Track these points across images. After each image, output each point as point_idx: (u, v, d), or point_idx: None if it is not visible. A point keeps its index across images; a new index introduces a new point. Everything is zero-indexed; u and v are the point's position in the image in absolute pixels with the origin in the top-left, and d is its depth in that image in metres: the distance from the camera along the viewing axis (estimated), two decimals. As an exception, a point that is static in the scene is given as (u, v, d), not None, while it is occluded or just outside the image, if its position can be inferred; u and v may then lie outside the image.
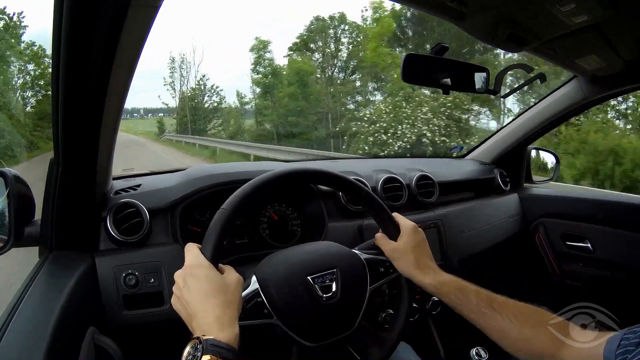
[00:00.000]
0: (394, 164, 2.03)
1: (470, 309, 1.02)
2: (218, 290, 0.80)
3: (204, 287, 0.79)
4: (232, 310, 0.79)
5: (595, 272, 2.05)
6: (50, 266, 1.10)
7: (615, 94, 1.86)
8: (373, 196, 1.16)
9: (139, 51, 0.84)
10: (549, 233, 2.20)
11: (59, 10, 0.69)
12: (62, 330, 0.88)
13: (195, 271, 0.82)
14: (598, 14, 1.05)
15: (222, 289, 0.80)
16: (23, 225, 1.12)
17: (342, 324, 1.03)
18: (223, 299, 0.79)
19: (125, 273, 1.17)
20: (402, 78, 1.31)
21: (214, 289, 0.79)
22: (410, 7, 1.66)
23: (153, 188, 1.38)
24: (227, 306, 0.78)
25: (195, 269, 0.82)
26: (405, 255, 1.09)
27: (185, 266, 0.84)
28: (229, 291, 0.81)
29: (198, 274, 0.81)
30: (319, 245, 1.14)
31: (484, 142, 2.48)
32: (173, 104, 31.49)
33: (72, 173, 1.06)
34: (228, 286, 0.82)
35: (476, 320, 1.01)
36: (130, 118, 52.38)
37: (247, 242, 1.48)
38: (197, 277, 0.81)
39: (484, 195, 2.21)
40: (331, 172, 1.13)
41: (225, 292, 0.80)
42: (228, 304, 0.79)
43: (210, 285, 0.80)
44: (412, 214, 1.75)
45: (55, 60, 0.80)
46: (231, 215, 0.92)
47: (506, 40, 1.18)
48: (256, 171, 1.30)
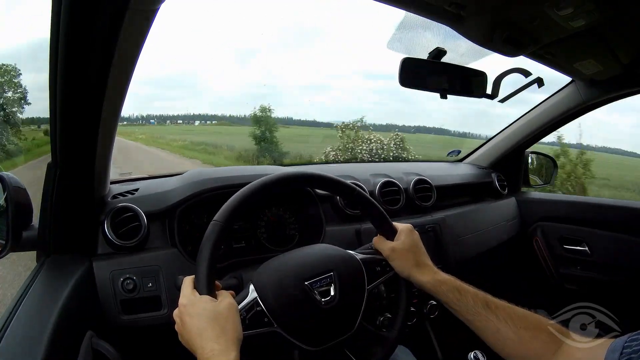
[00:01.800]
0: (391, 168, 2.03)
1: (467, 310, 1.02)
2: (212, 321, 0.82)
3: (198, 324, 0.82)
4: (227, 337, 0.81)
5: (593, 275, 2.05)
6: (48, 270, 1.09)
7: (613, 98, 1.86)
8: (365, 195, 1.17)
9: (137, 54, 0.84)
10: (547, 236, 2.20)
11: (56, 13, 0.69)
12: (60, 335, 0.88)
13: (189, 310, 0.85)
14: (596, 18, 1.06)
15: (216, 319, 0.83)
16: (21, 229, 1.11)
17: (342, 326, 1.03)
18: (218, 330, 0.81)
19: (123, 277, 1.17)
20: (400, 82, 1.30)
21: (208, 322, 0.82)
22: (408, 12, 1.67)
23: (151, 192, 1.38)
24: (221, 335, 0.81)
25: (189, 308, 0.85)
26: (403, 254, 1.11)
27: (179, 305, 0.88)
28: (221, 319, 0.83)
29: (191, 312, 0.84)
30: (314, 249, 1.13)
31: (482, 146, 2.48)
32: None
33: (69, 177, 1.06)
34: (221, 314, 0.84)
35: (472, 322, 1.01)
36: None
37: (245, 246, 1.48)
38: (190, 314, 0.84)
39: (481, 199, 2.22)
40: (323, 175, 1.13)
41: (218, 321, 0.83)
42: (222, 332, 0.81)
43: (204, 320, 0.82)
44: (410, 218, 1.75)
45: (53, 64, 0.80)
46: (224, 227, 0.93)
47: (503, 44, 1.18)
48: (253, 175, 1.29)
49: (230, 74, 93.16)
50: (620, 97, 1.84)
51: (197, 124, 46.73)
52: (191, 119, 48.22)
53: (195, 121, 48.87)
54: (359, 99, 67.53)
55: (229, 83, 78.99)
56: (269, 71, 76.41)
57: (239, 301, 0.94)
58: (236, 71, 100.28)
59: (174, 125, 43.24)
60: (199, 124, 46.57)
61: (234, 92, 65.72)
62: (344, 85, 48.51)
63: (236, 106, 65.16)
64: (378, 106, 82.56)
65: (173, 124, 45.03)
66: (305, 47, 37.34)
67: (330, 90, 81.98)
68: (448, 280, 1.08)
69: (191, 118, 48.67)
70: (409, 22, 1.22)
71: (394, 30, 1.26)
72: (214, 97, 74.01)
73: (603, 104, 1.93)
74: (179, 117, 48.83)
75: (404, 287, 1.18)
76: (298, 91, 68.00)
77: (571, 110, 1.98)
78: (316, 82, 21.22)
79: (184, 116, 49.34)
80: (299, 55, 72.38)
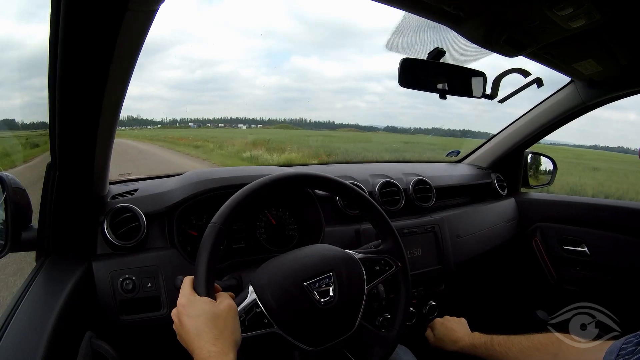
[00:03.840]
0: (390, 168, 2.03)
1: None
2: (210, 322, 0.82)
3: (196, 325, 0.82)
4: (224, 339, 0.81)
5: (592, 276, 2.05)
6: (47, 271, 1.09)
7: (612, 98, 1.86)
8: (364, 196, 1.18)
9: (136, 55, 0.83)
10: (546, 237, 2.20)
11: (55, 14, 0.69)
12: (59, 335, 0.88)
13: (188, 310, 0.85)
14: (595, 18, 1.06)
15: (214, 320, 0.83)
16: (20, 230, 1.11)
17: (342, 326, 1.03)
18: (215, 332, 0.81)
19: (122, 278, 1.17)
20: (399, 82, 1.30)
21: (206, 324, 0.82)
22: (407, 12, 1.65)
23: (150, 192, 1.38)
24: (219, 337, 0.80)
25: (187, 308, 0.85)
26: (442, 341, 1.39)
27: (178, 305, 0.88)
28: (220, 320, 0.83)
29: (190, 313, 0.84)
30: (313, 249, 1.13)
31: (481, 146, 2.48)
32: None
33: (69, 177, 1.06)
34: (219, 316, 0.84)
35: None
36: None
37: (244, 247, 1.48)
38: (189, 315, 0.84)
39: (481, 200, 2.22)
40: (322, 175, 1.14)
41: (217, 322, 0.83)
42: (220, 334, 0.81)
43: (202, 321, 0.82)
44: (409, 219, 1.75)
45: (51, 64, 0.80)
46: (222, 229, 0.94)
47: (503, 44, 1.18)
48: (252, 175, 1.29)
49: (263, 78, 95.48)
50: (620, 97, 1.84)
51: (244, 128, 46.47)
52: (232, 123, 47.87)
53: (240, 125, 48.55)
54: (391, 103, 68.34)
55: (261, 87, 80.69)
56: (301, 75, 77.44)
57: (238, 303, 0.94)
58: (268, 75, 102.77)
59: (219, 128, 43.02)
60: (245, 128, 46.32)
61: (266, 96, 66.83)
62: (376, 89, 48.52)
63: (268, 110, 65.73)
64: (409, 110, 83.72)
65: (214, 127, 44.90)
66: (337, 49, 37.17)
67: (364, 94, 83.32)
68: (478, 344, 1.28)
69: (234, 122, 48.32)
70: (409, 23, 1.22)
71: (393, 30, 1.26)
72: (246, 101, 75.18)
73: (602, 104, 1.93)
74: (220, 120, 48.55)
75: (403, 288, 1.18)
76: (329, 95, 68.89)
77: (570, 111, 1.99)
78: (349, 86, 21.05)
79: (226, 120, 49.07)
80: (331, 57, 73.44)
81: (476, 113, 17.08)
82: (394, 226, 1.21)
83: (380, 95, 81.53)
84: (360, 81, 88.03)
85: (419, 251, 1.68)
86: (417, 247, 1.69)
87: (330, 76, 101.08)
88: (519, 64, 1.41)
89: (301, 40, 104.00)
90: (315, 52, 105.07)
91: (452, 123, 61.13)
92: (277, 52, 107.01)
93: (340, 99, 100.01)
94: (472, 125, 57.68)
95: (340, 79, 69.33)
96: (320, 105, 79.72)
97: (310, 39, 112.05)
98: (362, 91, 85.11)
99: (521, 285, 2.35)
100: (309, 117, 34.77)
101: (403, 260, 1.19)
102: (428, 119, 75.28)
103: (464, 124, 53.04)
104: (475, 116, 19.36)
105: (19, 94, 4.42)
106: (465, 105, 20.32)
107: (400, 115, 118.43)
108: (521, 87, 1.55)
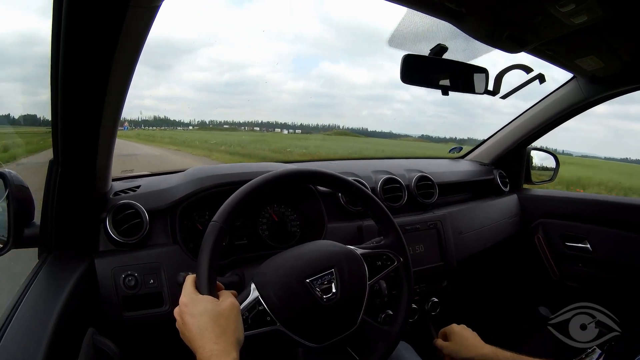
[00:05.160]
0: (393, 164, 2.03)
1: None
2: (212, 321, 0.82)
3: (198, 323, 0.82)
4: (227, 337, 0.81)
5: (594, 273, 2.05)
6: (50, 267, 1.10)
7: (615, 94, 1.86)
8: (367, 192, 1.18)
9: (138, 52, 0.83)
10: (548, 234, 2.20)
11: (57, 10, 0.69)
12: (62, 331, 0.88)
13: (190, 309, 0.85)
14: (597, 14, 1.05)
15: (216, 319, 0.82)
16: (22, 226, 1.11)
17: (345, 322, 1.03)
18: (218, 330, 0.81)
19: (125, 274, 1.17)
20: (401, 79, 1.30)
21: (208, 322, 0.82)
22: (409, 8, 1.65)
23: (152, 189, 1.38)
24: (222, 335, 0.80)
25: (190, 307, 0.85)
26: (457, 351, 1.31)
27: (180, 303, 0.87)
28: (223, 319, 0.83)
29: (192, 311, 0.84)
30: (315, 245, 1.13)
31: (483, 142, 2.48)
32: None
33: (71, 174, 1.06)
34: (222, 314, 0.84)
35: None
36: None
37: (247, 243, 1.48)
38: (191, 314, 0.84)
39: (483, 196, 2.21)
40: (324, 172, 1.14)
41: (219, 321, 0.82)
42: (222, 332, 0.81)
43: (205, 319, 0.82)
44: (412, 215, 1.75)
45: (54, 61, 0.80)
46: (223, 227, 0.94)
47: (505, 40, 1.18)
48: (255, 172, 1.29)
49: (290, 83, 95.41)
50: (622, 93, 1.84)
51: (287, 133, 46.12)
52: (269, 127, 47.66)
53: (283, 129, 48.31)
54: (419, 111, 68.11)
55: (289, 92, 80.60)
56: (328, 80, 77.38)
57: (241, 301, 0.94)
58: (296, 80, 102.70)
59: (257, 132, 42.50)
60: (287, 133, 45.94)
61: (295, 101, 66.59)
62: (404, 97, 48.10)
63: (297, 115, 65.39)
64: (435, 118, 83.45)
65: (249, 129, 44.60)
66: (365, 55, 36.30)
67: (391, 102, 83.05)
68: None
69: (269, 126, 48.10)
70: (411, 19, 1.21)
71: (396, 26, 1.26)
72: (275, 105, 75.20)
73: (604, 100, 1.92)
74: (252, 124, 48.32)
75: (405, 281, 1.18)
76: (357, 101, 68.84)
77: (573, 107, 1.98)
78: (377, 93, 20.47)
79: (256, 123, 48.88)
80: (359, 64, 73.26)
81: (501, 124, 16.93)
82: (395, 222, 1.21)
83: (408, 103, 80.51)
84: (388, 88, 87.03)
85: (422, 247, 1.68)
86: (419, 243, 1.69)
87: (359, 82, 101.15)
88: (521, 60, 1.41)
89: (330, 46, 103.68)
90: (344, 58, 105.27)
91: (479, 133, 61.33)
92: (306, 57, 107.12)
93: (367, 106, 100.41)
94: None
95: (369, 86, 68.52)
96: (347, 112, 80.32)
97: (339, 44, 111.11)
98: (390, 99, 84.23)
99: (523, 282, 2.35)
100: (339, 123, 34.47)
101: (405, 255, 1.19)
102: (454, 127, 74.82)
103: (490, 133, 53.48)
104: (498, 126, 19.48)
105: (43, 90, 4.41)
106: (492, 116, 20.23)
107: (427, 124, 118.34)
108: (523, 84, 1.55)
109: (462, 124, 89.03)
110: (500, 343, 1.23)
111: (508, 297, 2.39)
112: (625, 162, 30.67)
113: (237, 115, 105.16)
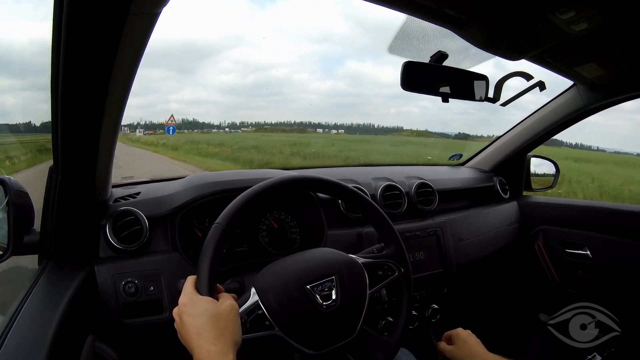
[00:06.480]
0: (393, 171, 2.03)
1: None
2: (211, 322, 0.82)
3: (196, 323, 0.82)
4: (225, 339, 0.81)
5: (594, 280, 2.04)
6: (50, 274, 1.10)
7: (615, 102, 1.86)
8: (367, 199, 1.18)
9: (138, 59, 0.83)
10: (549, 241, 2.20)
11: (58, 17, 0.69)
12: (62, 338, 0.88)
13: (189, 309, 0.85)
14: (597, 22, 1.05)
15: (215, 320, 0.82)
16: (22, 233, 1.11)
17: (344, 330, 1.03)
18: (216, 331, 0.81)
19: (125, 281, 1.17)
20: (402, 86, 1.30)
21: (207, 323, 0.82)
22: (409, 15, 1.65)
23: (152, 196, 1.38)
24: (219, 337, 0.80)
25: (189, 307, 0.85)
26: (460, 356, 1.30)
27: (180, 303, 0.88)
28: (221, 320, 0.83)
29: (191, 312, 0.84)
30: (316, 252, 1.13)
31: (484, 150, 2.48)
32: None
33: (71, 181, 1.06)
34: (221, 316, 0.84)
35: None
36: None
37: (247, 250, 1.48)
38: (190, 314, 0.84)
39: (483, 203, 2.21)
40: (325, 179, 1.14)
41: (218, 322, 0.82)
42: (220, 334, 0.81)
43: (203, 320, 0.82)
44: (412, 222, 1.75)
45: (54, 68, 0.80)
46: (226, 229, 0.94)
47: (505, 48, 1.18)
48: (255, 179, 1.29)
49: (316, 83, 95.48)
50: (622, 101, 1.84)
51: (321, 132, 45.18)
52: (302, 127, 46.81)
53: (311, 129, 47.44)
54: (444, 108, 67.69)
55: (315, 92, 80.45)
56: (354, 79, 77.31)
57: (240, 304, 0.94)
58: (322, 80, 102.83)
59: (293, 132, 40.68)
60: (322, 132, 44.93)
61: (322, 101, 66.18)
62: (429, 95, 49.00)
63: (322, 116, 64.83)
64: (461, 115, 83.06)
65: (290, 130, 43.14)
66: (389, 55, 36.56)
67: (418, 100, 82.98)
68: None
69: (307, 126, 47.28)
70: (411, 26, 1.22)
71: (396, 33, 1.26)
72: (302, 105, 74.83)
73: (604, 108, 1.92)
74: (293, 124, 47.52)
75: (405, 291, 1.18)
76: (384, 100, 68.85)
77: (573, 114, 1.98)
78: (404, 91, 20.56)
79: (297, 124, 48.10)
80: (385, 62, 73.00)
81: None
82: (396, 230, 1.21)
83: (433, 100, 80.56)
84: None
85: (422, 254, 1.68)
86: (419, 250, 1.69)
87: (385, 81, 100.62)
88: (521, 67, 1.41)
89: (356, 44, 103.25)
90: (370, 56, 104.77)
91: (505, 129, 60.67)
92: (332, 56, 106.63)
93: (395, 104, 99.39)
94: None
95: (395, 84, 69.93)
96: (373, 111, 79.97)
97: (364, 42, 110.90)
98: (416, 96, 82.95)
99: (523, 289, 2.35)
100: (369, 121, 33.70)
101: (406, 266, 1.19)
102: (480, 124, 73.97)
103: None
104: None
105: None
106: (518, 112, 20.26)
107: (453, 121, 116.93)
108: (523, 91, 1.55)
109: (488, 120, 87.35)
110: (501, 350, 1.22)
111: (508, 303, 2.39)
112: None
113: (264, 117, 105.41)
